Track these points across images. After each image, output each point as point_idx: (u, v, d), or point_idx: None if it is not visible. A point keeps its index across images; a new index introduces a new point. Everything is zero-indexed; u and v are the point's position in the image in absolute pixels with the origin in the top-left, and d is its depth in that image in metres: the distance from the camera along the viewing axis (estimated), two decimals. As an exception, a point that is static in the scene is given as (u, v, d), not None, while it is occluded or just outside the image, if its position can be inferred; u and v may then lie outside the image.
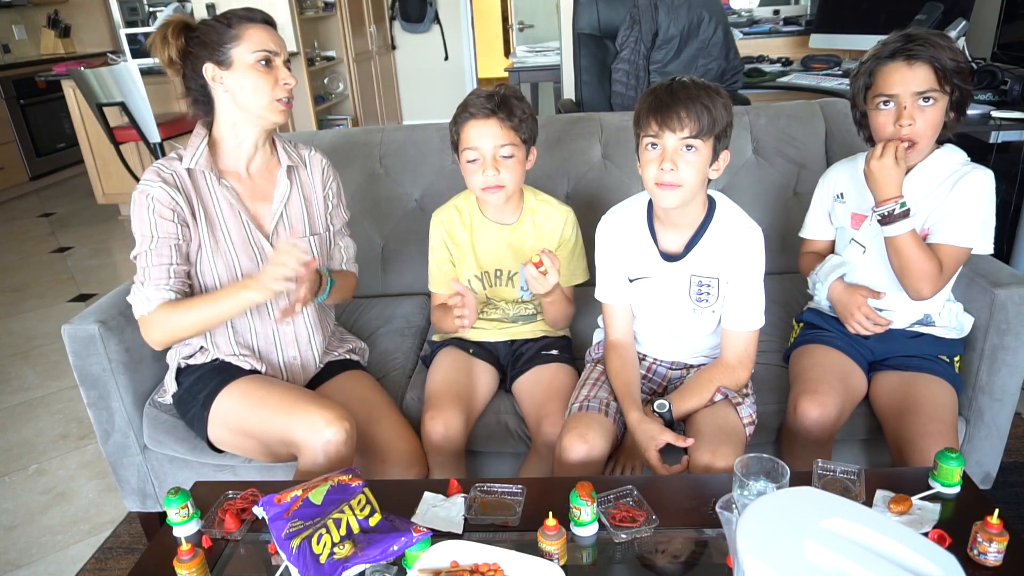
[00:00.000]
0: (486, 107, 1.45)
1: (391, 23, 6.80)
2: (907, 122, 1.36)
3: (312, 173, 1.59)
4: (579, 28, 2.97)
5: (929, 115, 1.36)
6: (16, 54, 5.98)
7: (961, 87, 1.36)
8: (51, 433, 2.39)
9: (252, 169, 1.51)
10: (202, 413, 1.46)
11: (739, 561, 0.81)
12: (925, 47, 1.33)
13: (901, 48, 1.35)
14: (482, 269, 1.64)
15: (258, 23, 1.41)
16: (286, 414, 1.34)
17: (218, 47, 1.39)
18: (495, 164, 1.48)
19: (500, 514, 1.12)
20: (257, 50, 1.39)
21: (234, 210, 1.47)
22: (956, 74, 1.34)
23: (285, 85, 1.42)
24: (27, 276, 3.84)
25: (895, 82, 1.36)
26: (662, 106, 1.28)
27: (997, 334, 1.48)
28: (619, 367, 1.48)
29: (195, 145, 1.45)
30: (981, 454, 1.59)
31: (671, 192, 1.31)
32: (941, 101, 1.36)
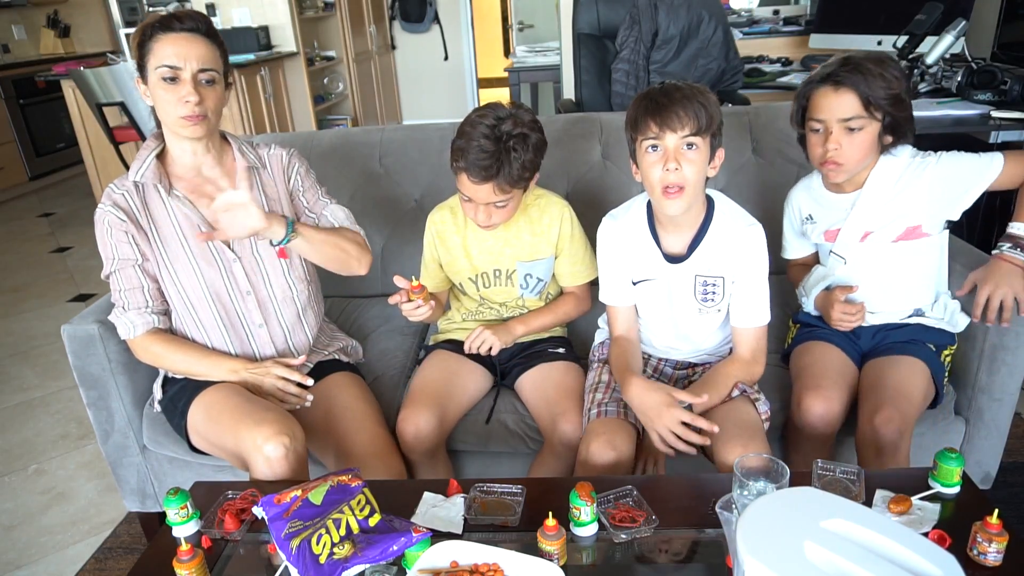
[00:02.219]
0: (483, 173, 1.40)
1: (391, 23, 6.79)
2: (833, 147, 1.39)
3: (273, 171, 1.54)
4: (579, 28, 2.97)
5: (856, 140, 1.39)
6: (16, 54, 5.98)
7: (892, 114, 1.38)
8: (51, 433, 2.38)
9: (206, 173, 1.47)
10: (181, 422, 1.47)
11: (739, 561, 0.81)
12: (853, 74, 1.36)
13: (831, 74, 1.38)
14: (477, 271, 1.63)
15: (173, 32, 1.34)
16: (234, 431, 1.33)
17: (140, 60, 1.37)
18: (488, 211, 1.48)
19: (500, 514, 1.12)
20: (159, 65, 1.33)
21: (191, 220, 1.44)
22: (886, 101, 1.36)
23: (186, 102, 1.34)
24: (27, 276, 3.84)
25: (823, 107, 1.39)
26: (659, 107, 1.28)
27: (997, 334, 1.48)
28: (619, 352, 1.48)
29: (142, 158, 1.44)
30: (981, 454, 1.59)
31: (677, 200, 1.30)
32: (870, 127, 1.38)
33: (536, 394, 1.57)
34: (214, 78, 1.38)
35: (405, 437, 1.48)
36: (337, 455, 1.46)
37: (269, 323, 1.52)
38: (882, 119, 1.38)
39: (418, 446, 1.48)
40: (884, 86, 1.35)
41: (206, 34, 1.37)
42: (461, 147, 1.42)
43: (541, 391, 1.57)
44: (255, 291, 1.50)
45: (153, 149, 1.45)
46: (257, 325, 1.51)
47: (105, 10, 6.07)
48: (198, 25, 1.37)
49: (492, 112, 1.44)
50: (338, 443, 1.46)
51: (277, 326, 1.54)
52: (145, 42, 1.35)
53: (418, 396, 1.53)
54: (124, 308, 1.45)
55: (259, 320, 1.51)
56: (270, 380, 1.45)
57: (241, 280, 1.48)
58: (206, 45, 1.37)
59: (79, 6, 6.26)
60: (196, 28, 1.36)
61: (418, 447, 1.48)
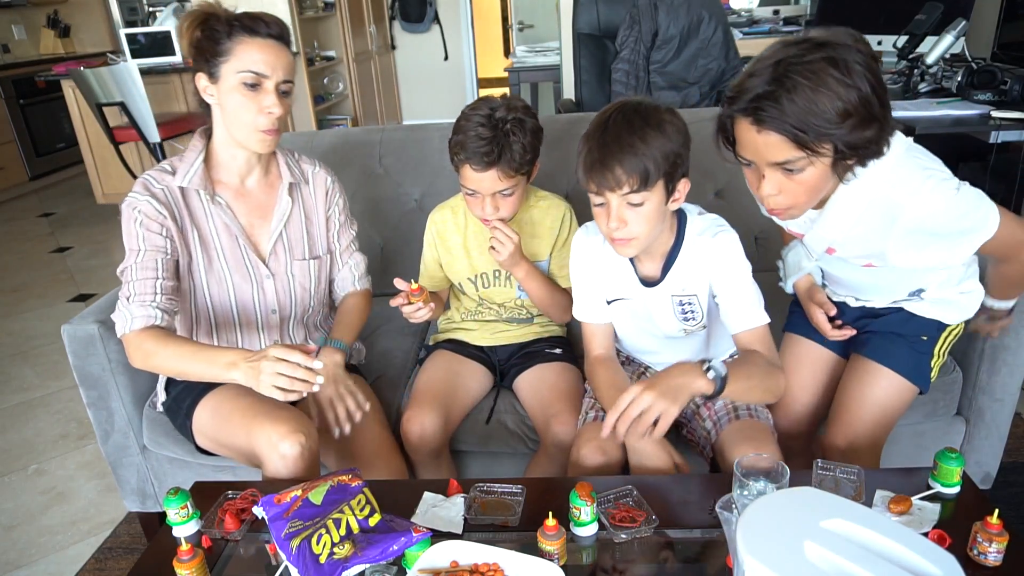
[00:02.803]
0: (485, 159, 1.38)
1: (391, 23, 6.79)
2: (770, 191, 1.11)
3: (315, 191, 1.52)
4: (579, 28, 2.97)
5: (798, 181, 1.09)
6: (16, 54, 5.98)
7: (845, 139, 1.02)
8: (51, 433, 2.38)
9: (249, 184, 1.45)
10: (186, 423, 1.46)
11: (739, 561, 0.81)
12: (774, 108, 1.00)
13: (751, 104, 1.03)
14: (477, 271, 1.63)
15: (259, 37, 1.29)
16: (247, 430, 1.32)
17: (212, 57, 1.30)
18: (495, 203, 1.46)
19: (500, 514, 1.12)
20: (243, 70, 1.28)
21: (229, 230, 1.41)
22: (830, 128, 1.00)
23: (269, 113, 1.31)
24: (27, 276, 3.84)
25: (747, 145, 1.09)
26: (596, 164, 1.17)
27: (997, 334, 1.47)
28: (607, 379, 1.40)
29: (190, 161, 1.39)
30: (981, 454, 1.59)
31: (627, 248, 1.25)
32: (815, 164, 1.06)
33: (532, 395, 1.57)
34: (291, 90, 1.35)
35: (410, 438, 1.47)
36: (339, 455, 1.46)
37: (282, 339, 1.52)
38: (833, 150, 1.04)
39: (423, 446, 1.47)
40: (823, 112, 0.99)
41: (287, 43, 1.34)
42: (459, 140, 1.42)
43: (536, 392, 1.57)
44: (280, 310, 1.49)
45: (200, 152, 1.39)
46: (272, 341, 1.51)
47: (105, 10, 6.08)
48: (283, 32, 1.33)
49: (484, 104, 1.44)
50: (340, 443, 1.46)
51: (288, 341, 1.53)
52: (222, 40, 1.29)
53: (422, 397, 1.52)
54: (128, 299, 1.32)
55: (276, 336, 1.52)
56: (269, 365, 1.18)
57: (271, 297, 1.47)
58: (288, 54, 1.34)
59: (79, 6, 6.26)
60: (281, 36, 1.32)
61: (423, 447, 1.48)
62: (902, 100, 2.48)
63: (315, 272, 1.53)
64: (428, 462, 1.52)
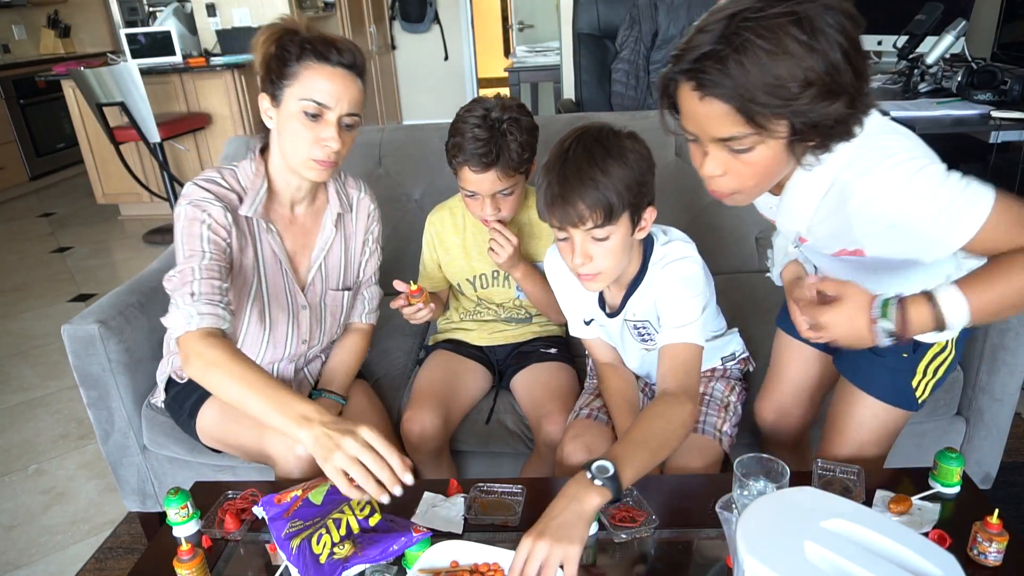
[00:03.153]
0: (483, 160, 1.38)
1: (391, 23, 6.80)
2: (713, 170, 0.94)
3: (357, 218, 1.49)
4: (579, 28, 2.97)
5: (746, 162, 0.91)
6: (16, 54, 5.98)
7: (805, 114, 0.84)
8: (51, 433, 2.38)
9: (298, 211, 1.41)
10: (189, 422, 1.46)
11: (739, 561, 0.81)
12: (722, 70, 0.83)
13: (691, 68, 0.86)
14: (476, 272, 1.63)
15: (328, 64, 1.22)
16: (259, 431, 1.31)
17: (277, 79, 1.23)
18: (495, 203, 1.45)
19: (500, 514, 1.12)
20: (305, 98, 1.21)
21: (276, 258, 1.38)
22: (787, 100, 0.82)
23: (326, 147, 1.23)
24: (27, 276, 3.84)
25: (688, 115, 0.91)
26: (557, 199, 1.12)
27: (997, 334, 1.48)
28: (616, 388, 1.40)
29: (256, 189, 1.32)
30: (981, 454, 1.59)
31: (594, 283, 1.22)
32: (766, 143, 0.88)
33: (526, 395, 1.58)
34: (356, 123, 1.28)
35: (410, 437, 1.47)
36: None
37: (296, 361, 1.51)
38: (789, 127, 0.86)
39: (423, 446, 1.47)
40: (777, 80, 0.81)
41: (360, 73, 1.27)
42: (456, 142, 1.41)
43: (530, 392, 1.57)
44: (310, 339, 1.48)
45: (264, 179, 1.33)
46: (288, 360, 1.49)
47: (105, 10, 6.08)
48: (356, 60, 1.25)
49: (479, 104, 1.44)
50: None
51: (303, 359, 1.52)
52: (290, 62, 1.22)
53: (422, 396, 1.53)
54: (193, 296, 1.18)
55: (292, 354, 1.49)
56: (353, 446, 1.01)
57: (304, 328, 1.45)
58: (357, 86, 1.26)
59: (79, 6, 6.26)
60: (353, 65, 1.25)
61: (423, 447, 1.48)
62: (902, 100, 2.48)
63: (347, 302, 1.51)
64: (428, 462, 1.52)
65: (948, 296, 0.92)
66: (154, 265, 1.82)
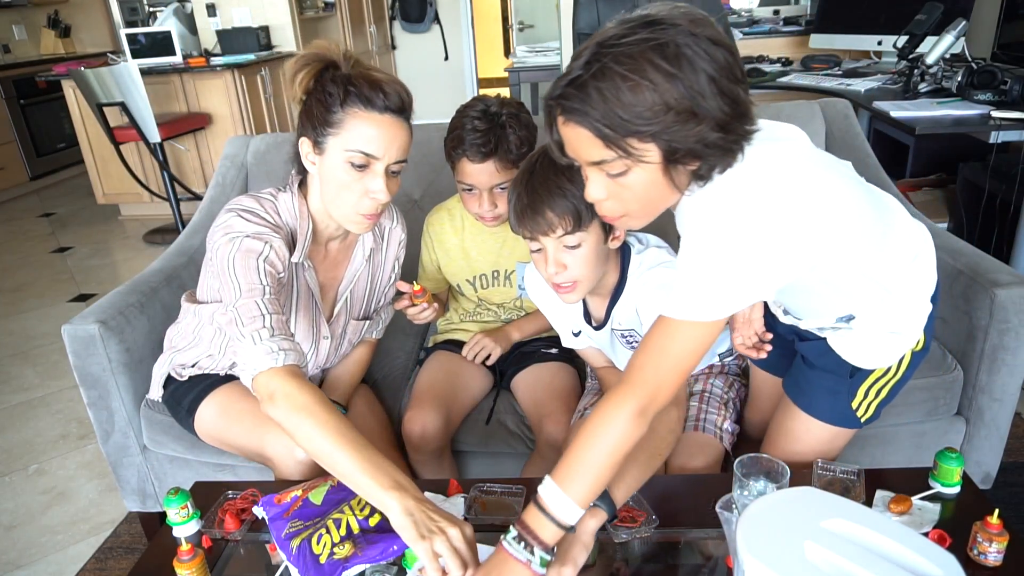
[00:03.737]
0: (482, 150, 1.38)
1: (391, 23, 6.80)
2: (595, 194, 0.93)
3: (388, 249, 1.47)
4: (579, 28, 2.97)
5: (625, 185, 0.90)
6: (16, 54, 5.99)
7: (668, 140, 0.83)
8: (51, 433, 2.38)
9: (331, 246, 1.39)
10: (188, 419, 1.46)
11: (739, 561, 0.81)
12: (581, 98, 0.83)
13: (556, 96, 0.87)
14: (475, 272, 1.63)
15: (376, 111, 1.15)
16: (260, 433, 1.30)
17: (320, 125, 1.16)
18: (492, 199, 1.45)
19: (500, 514, 1.12)
20: (352, 149, 1.15)
21: (309, 292, 1.35)
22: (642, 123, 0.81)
23: (374, 199, 1.18)
24: (27, 276, 3.84)
25: (564, 140, 0.91)
26: (527, 209, 1.13)
27: (997, 334, 1.47)
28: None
29: (304, 232, 1.27)
30: (981, 454, 1.59)
31: (570, 294, 1.21)
32: (637, 169, 0.87)
33: (527, 395, 1.58)
34: (402, 169, 1.23)
35: (411, 438, 1.47)
36: None
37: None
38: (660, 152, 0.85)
39: (425, 446, 1.47)
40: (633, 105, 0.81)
41: (407, 116, 1.20)
42: (456, 136, 1.42)
43: (532, 392, 1.57)
44: (326, 365, 1.49)
45: (310, 222, 1.28)
46: None
47: (105, 10, 6.09)
48: (403, 104, 1.18)
49: (478, 101, 1.45)
50: None
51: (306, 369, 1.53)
52: (334, 108, 1.15)
53: (423, 397, 1.53)
54: (269, 329, 1.12)
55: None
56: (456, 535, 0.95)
57: (322, 356, 1.45)
58: (406, 131, 1.20)
59: (79, 6, 6.27)
60: (401, 109, 1.18)
61: (425, 447, 1.48)
62: (902, 100, 2.48)
63: (364, 330, 1.51)
64: (430, 462, 1.52)
65: (552, 496, 0.93)
66: (154, 265, 1.82)
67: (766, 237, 0.87)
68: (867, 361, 1.17)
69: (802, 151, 0.97)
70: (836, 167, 0.99)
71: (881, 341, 1.14)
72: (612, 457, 0.94)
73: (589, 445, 0.94)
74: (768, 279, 0.91)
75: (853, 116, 2.04)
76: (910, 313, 1.12)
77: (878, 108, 2.41)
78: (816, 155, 0.99)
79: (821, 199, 0.90)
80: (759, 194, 0.88)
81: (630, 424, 0.93)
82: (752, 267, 0.89)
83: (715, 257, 0.89)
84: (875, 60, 3.29)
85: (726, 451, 1.37)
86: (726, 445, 1.37)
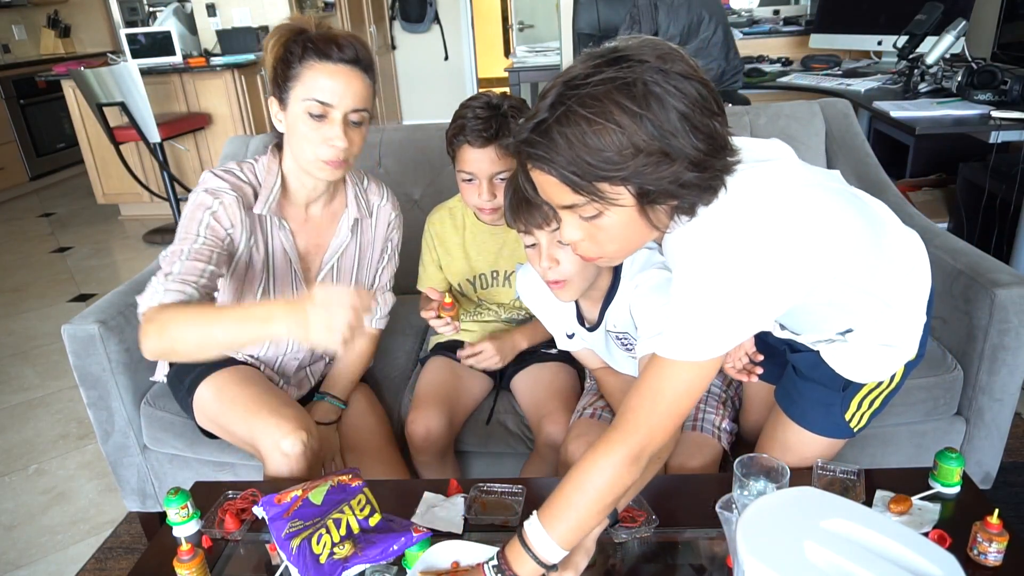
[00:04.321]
0: (483, 135, 1.38)
1: (391, 23, 6.80)
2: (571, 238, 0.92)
3: (377, 225, 1.48)
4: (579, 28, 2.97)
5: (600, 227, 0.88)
6: (16, 54, 5.98)
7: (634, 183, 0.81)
8: (51, 433, 2.38)
9: (313, 211, 1.41)
10: (187, 399, 1.44)
11: (739, 561, 0.81)
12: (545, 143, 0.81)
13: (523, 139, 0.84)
14: (476, 272, 1.63)
15: (330, 62, 1.20)
16: (249, 421, 1.30)
17: (283, 82, 1.22)
18: (491, 189, 1.45)
19: (500, 514, 1.12)
20: (308, 98, 1.20)
21: (286, 256, 1.38)
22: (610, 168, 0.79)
23: (332, 146, 1.22)
24: (27, 276, 3.84)
25: (536, 181, 0.89)
26: (522, 202, 1.13)
27: (997, 334, 1.48)
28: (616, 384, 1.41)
29: (269, 186, 1.32)
30: (981, 454, 1.59)
31: (564, 292, 1.22)
32: (610, 211, 0.85)
33: (527, 395, 1.58)
34: (364, 119, 1.26)
35: (415, 439, 1.47)
36: (341, 457, 1.46)
37: (300, 355, 1.52)
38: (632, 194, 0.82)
39: (429, 448, 1.47)
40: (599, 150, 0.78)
41: (365, 68, 1.24)
42: (458, 124, 1.42)
43: (531, 392, 1.57)
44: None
45: (277, 176, 1.33)
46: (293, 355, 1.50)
47: (105, 10, 6.08)
48: (358, 55, 1.22)
49: (482, 95, 1.46)
50: (342, 445, 1.46)
51: (308, 357, 1.53)
52: (293, 63, 1.21)
53: (426, 398, 1.52)
54: (167, 276, 1.18)
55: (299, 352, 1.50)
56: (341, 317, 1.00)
57: None
58: (363, 81, 1.24)
59: (79, 6, 6.26)
60: (356, 60, 1.22)
61: (429, 448, 1.47)
62: (902, 100, 2.48)
63: None
64: (433, 463, 1.51)
65: (535, 534, 0.92)
66: (154, 265, 1.82)
67: (760, 268, 0.84)
68: (861, 375, 1.16)
69: (787, 171, 0.93)
70: (824, 183, 0.95)
71: (876, 355, 1.13)
72: (600, 503, 0.91)
73: (578, 488, 0.92)
74: (765, 311, 0.88)
75: (853, 116, 2.04)
76: (906, 326, 1.11)
77: (878, 108, 2.41)
78: (802, 173, 0.95)
79: (812, 222, 0.87)
80: (748, 225, 0.85)
81: (622, 470, 0.90)
82: (748, 301, 0.85)
83: (708, 293, 0.86)
84: (875, 60, 3.29)
85: (724, 451, 1.37)
86: (724, 444, 1.37)
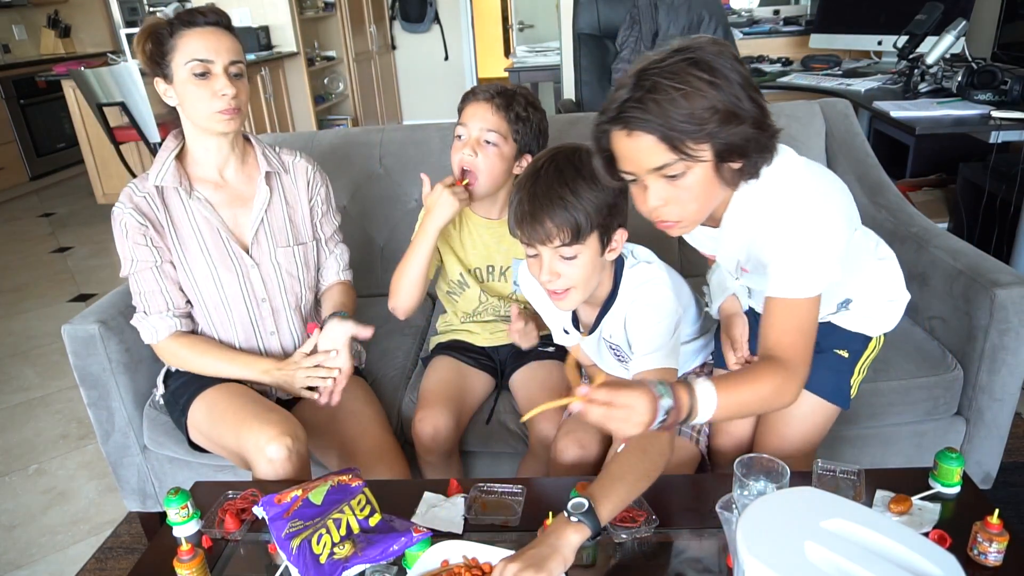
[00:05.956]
0: (488, 91, 1.43)
1: (391, 23, 6.80)
2: (655, 202, 1.02)
3: (296, 180, 1.53)
4: (579, 28, 2.97)
5: (682, 188, 1.00)
6: (16, 54, 5.98)
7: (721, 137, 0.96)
8: (51, 433, 2.39)
9: (227, 175, 1.46)
10: (182, 419, 1.47)
11: (739, 561, 0.81)
12: (642, 109, 0.95)
13: (619, 112, 0.98)
14: (471, 266, 1.63)
15: (198, 27, 1.34)
16: (236, 431, 1.32)
17: (160, 59, 1.35)
18: (475, 145, 1.44)
19: (500, 514, 1.12)
20: (189, 60, 1.32)
21: (210, 223, 1.43)
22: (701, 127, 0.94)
23: (223, 95, 1.34)
24: (27, 276, 3.84)
25: (623, 156, 1.01)
26: (526, 216, 1.13)
27: (997, 334, 1.48)
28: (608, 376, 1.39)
29: (161, 160, 1.42)
30: (981, 454, 1.59)
31: (563, 301, 1.21)
32: (694, 169, 0.98)
33: (523, 393, 1.58)
34: (242, 71, 1.38)
35: (423, 439, 1.47)
36: (340, 457, 1.46)
37: (280, 330, 1.52)
38: (712, 151, 0.97)
39: (436, 447, 1.47)
40: (688, 108, 0.93)
41: (228, 27, 1.38)
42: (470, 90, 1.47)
43: (527, 390, 1.57)
44: (270, 299, 1.50)
45: (172, 150, 1.43)
46: (269, 332, 1.52)
47: (105, 10, 6.08)
48: (220, 19, 1.37)
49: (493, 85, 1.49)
50: (342, 445, 1.46)
51: (288, 334, 1.54)
52: (166, 39, 1.34)
53: (433, 398, 1.52)
54: (146, 312, 1.44)
55: (271, 327, 1.51)
56: (301, 375, 1.43)
57: (258, 287, 1.48)
58: (230, 38, 1.37)
59: (79, 6, 6.26)
60: (219, 22, 1.36)
61: (436, 448, 1.47)
62: (902, 100, 2.48)
63: (301, 258, 1.53)
64: (439, 463, 1.51)
65: (704, 390, 0.98)
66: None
67: (835, 211, 1.06)
68: (875, 327, 1.31)
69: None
70: None
71: (883, 309, 1.29)
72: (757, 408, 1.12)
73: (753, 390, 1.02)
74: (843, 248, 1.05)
75: (853, 116, 2.04)
76: (898, 276, 1.29)
77: (878, 108, 2.41)
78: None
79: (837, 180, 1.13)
80: (812, 181, 1.07)
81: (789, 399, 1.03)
82: (838, 237, 1.04)
83: (814, 235, 1.02)
84: (875, 60, 3.29)
85: (702, 455, 1.37)
86: (701, 448, 1.38)
